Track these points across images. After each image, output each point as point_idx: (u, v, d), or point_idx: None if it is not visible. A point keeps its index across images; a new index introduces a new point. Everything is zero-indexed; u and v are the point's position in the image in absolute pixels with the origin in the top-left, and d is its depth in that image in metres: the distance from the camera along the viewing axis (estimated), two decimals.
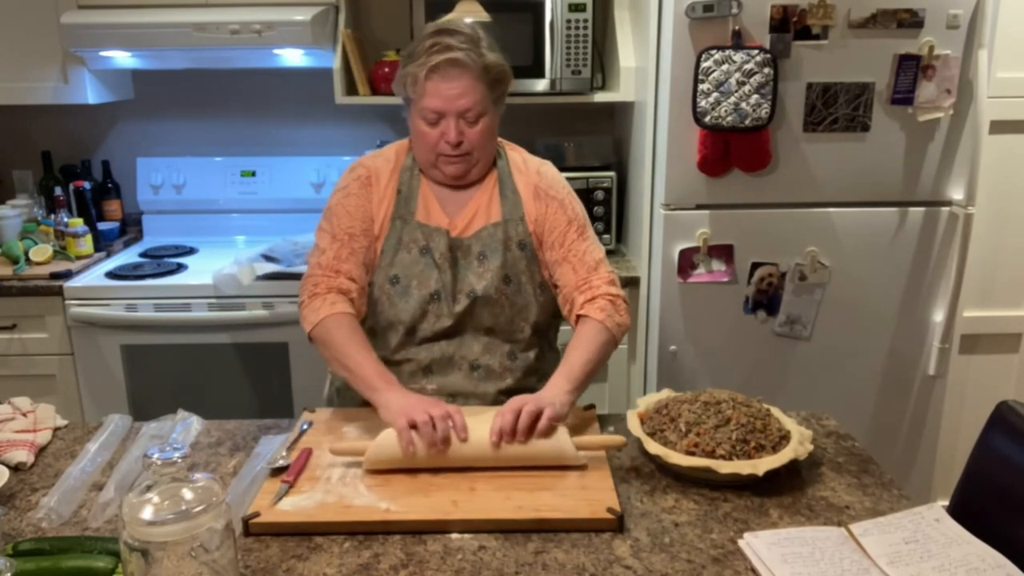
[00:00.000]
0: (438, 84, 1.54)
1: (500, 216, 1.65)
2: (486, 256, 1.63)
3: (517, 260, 1.64)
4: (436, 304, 1.61)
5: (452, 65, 1.53)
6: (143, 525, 0.93)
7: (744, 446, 1.32)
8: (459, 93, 1.54)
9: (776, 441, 1.35)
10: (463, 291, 1.61)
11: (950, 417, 2.59)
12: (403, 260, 1.63)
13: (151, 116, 3.04)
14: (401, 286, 1.62)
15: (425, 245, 1.62)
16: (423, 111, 1.57)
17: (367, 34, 2.88)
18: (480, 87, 1.56)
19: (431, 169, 1.65)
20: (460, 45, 1.53)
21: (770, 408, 1.45)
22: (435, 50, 1.53)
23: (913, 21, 2.14)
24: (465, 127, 1.57)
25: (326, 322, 1.54)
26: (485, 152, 1.64)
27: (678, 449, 1.34)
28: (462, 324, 1.62)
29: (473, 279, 1.62)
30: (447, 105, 1.55)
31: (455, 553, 1.16)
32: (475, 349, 1.63)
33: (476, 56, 1.54)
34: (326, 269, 1.61)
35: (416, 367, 1.63)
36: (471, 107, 1.56)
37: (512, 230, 1.64)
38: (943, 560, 1.12)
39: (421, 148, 1.63)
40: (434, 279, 1.61)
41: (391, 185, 1.67)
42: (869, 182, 2.25)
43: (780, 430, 1.38)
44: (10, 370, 2.53)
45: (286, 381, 2.56)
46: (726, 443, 1.33)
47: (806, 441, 1.36)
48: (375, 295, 1.64)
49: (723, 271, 2.29)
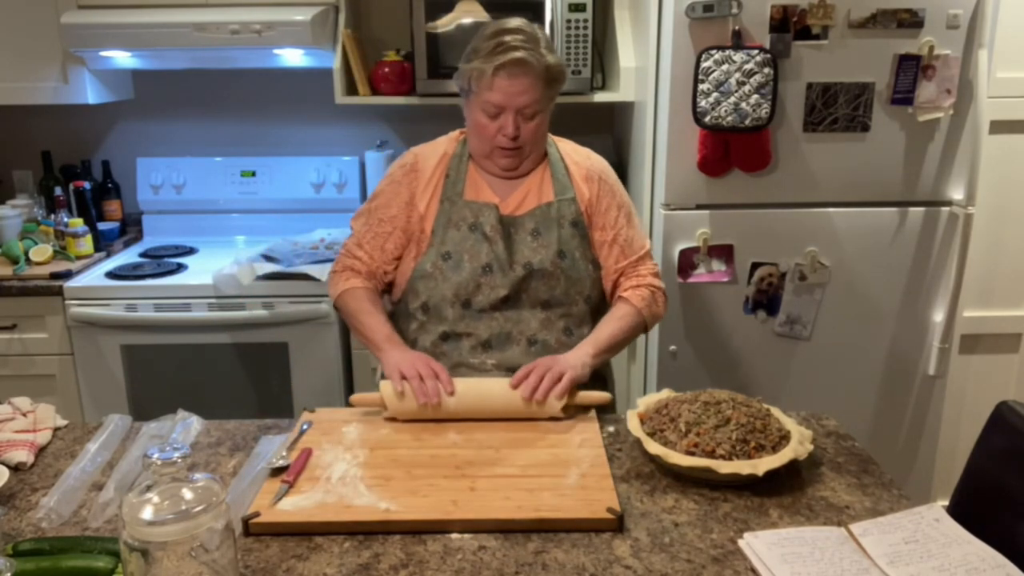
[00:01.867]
0: (503, 81, 1.63)
1: (552, 196, 1.75)
2: (540, 232, 1.72)
3: (570, 237, 1.73)
4: (489, 276, 1.69)
5: (517, 64, 1.62)
6: (143, 525, 0.93)
7: (744, 446, 1.33)
8: (521, 91, 1.64)
9: (776, 441, 1.35)
10: (519, 262, 1.70)
11: (950, 417, 2.59)
12: (453, 237, 1.72)
13: (151, 116, 3.04)
14: (453, 261, 1.71)
15: (474, 221, 1.71)
16: (485, 104, 1.66)
17: (367, 34, 2.88)
18: (540, 86, 1.65)
19: (484, 160, 1.75)
20: (524, 45, 1.63)
21: (770, 408, 1.45)
22: (501, 49, 1.62)
23: (913, 21, 2.14)
24: (522, 122, 1.67)
25: (342, 296, 1.75)
26: (537, 146, 1.75)
27: (678, 449, 1.34)
28: (518, 297, 1.71)
29: (528, 252, 1.71)
30: (509, 101, 1.64)
31: (455, 553, 1.16)
32: (532, 325, 1.71)
33: (539, 57, 1.64)
34: (347, 250, 1.80)
35: (476, 342, 1.70)
36: (530, 104, 1.66)
37: (565, 209, 1.74)
38: (943, 560, 1.12)
39: (478, 138, 1.73)
40: (484, 252, 1.70)
41: (439, 170, 1.77)
42: (869, 182, 2.25)
43: (780, 430, 1.38)
44: (10, 370, 2.53)
45: (286, 381, 2.56)
46: (726, 443, 1.33)
47: (806, 441, 1.36)
48: (428, 271, 1.72)
49: (723, 271, 2.29)
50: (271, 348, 2.53)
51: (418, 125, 3.00)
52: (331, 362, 2.55)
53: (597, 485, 1.30)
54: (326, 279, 2.44)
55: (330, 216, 2.98)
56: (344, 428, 1.51)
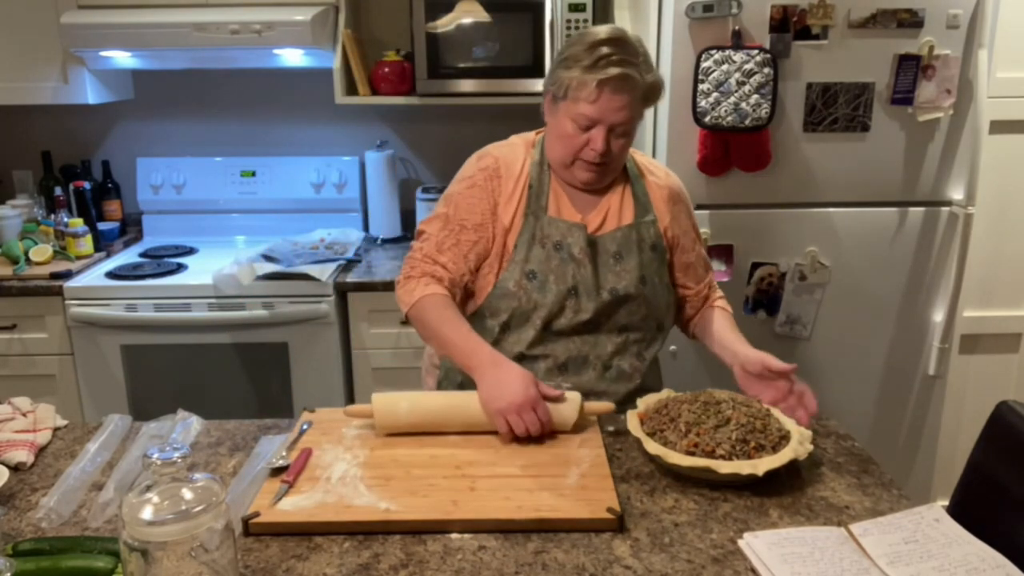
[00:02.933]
0: (606, 95, 1.53)
1: (632, 218, 1.67)
2: (622, 256, 1.65)
3: (650, 261, 1.67)
4: (574, 299, 1.62)
5: (623, 80, 1.52)
6: (143, 525, 0.93)
7: (744, 446, 1.32)
8: (619, 107, 1.54)
9: (776, 441, 1.35)
10: (605, 287, 1.63)
11: (950, 417, 2.60)
12: (537, 255, 1.63)
13: (151, 116, 3.04)
14: (539, 280, 1.62)
15: (560, 241, 1.63)
16: (577, 116, 1.56)
17: (367, 34, 2.89)
18: (639, 105, 1.57)
19: (564, 170, 1.65)
20: (631, 59, 1.54)
21: (770, 408, 1.45)
22: (610, 62, 1.52)
23: (913, 21, 2.14)
24: (612, 138, 1.58)
25: (421, 303, 1.59)
26: (620, 163, 1.66)
27: (678, 449, 1.34)
28: (599, 322, 1.64)
29: (613, 278, 1.64)
30: (605, 116, 1.55)
31: (455, 553, 1.16)
32: (608, 349, 1.65)
33: (643, 74, 1.55)
34: (425, 255, 1.65)
35: (552, 364, 1.64)
36: (625, 122, 1.57)
37: (645, 232, 1.67)
38: (943, 560, 1.12)
39: (561, 148, 1.62)
40: (571, 274, 1.62)
41: (522, 178, 1.66)
42: (869, 182, 2.25)
43: (780, 430, 1.38)
44: (10, 370, 2.54)
45: (286, 381, 2.56)
46: (726, 443, 1.32)
47: (806, 441, 1.36)
48: (511, 289, 1.63)
49: (723, 271, 2.29)
50: (271, 348, 2.53)
51: (418, 125, 3.00)
52: (331, 362, 2.55)
53: (597, 485, 1.30)
54: (327, 279, 2.47)
55: (330, 216, 2.98)
56: (344, 428, 1.51)
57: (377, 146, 2.95)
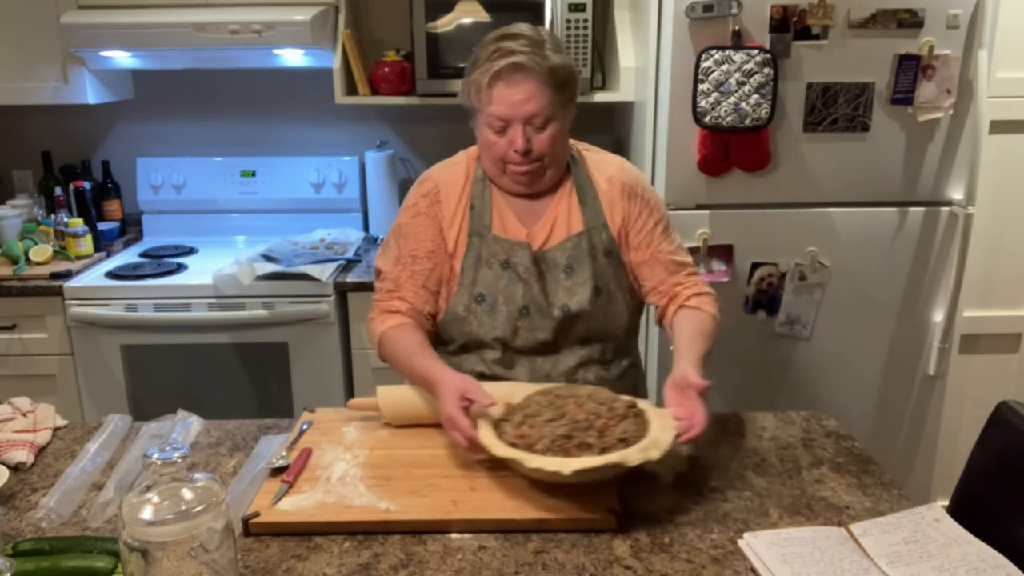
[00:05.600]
0: (502, 91, 1.49)
1: (582, 225, 1.60)
2: (573, 269, 1.58)
3: (604, 269, 1.60)
4: (527, 319, 1.57)
5: (515, 70, 1.47)
6: (143, 525, 0.93)
7: (565, 442, 1.24)
8: (524, 99, 1.48)
9: (611, 444, 1.24)
10: (555, 305, 1.57)
11: (950, 417, 2.59)
12: (485, 277, 1.58)
13: (151, 116, 3.04)
14: (488, 303, 1.58)
15: (506, 260, 1.58)
16: (489, 119, 1.52)
17: (367, 34, 2.88)
18: (546, 91, 1.49)
19: (500, 178, 1.60)
20: (522, 49, 1.48)
21: (645, 411, 1.35)
22: (497, 55, 1.48)
23: (913, 21, 2.14)
24: (533, 133, 1.52)
25: (381, 341, 1.58)
26: (556, 158, 1.58)
27: (504, 439, 1.28)
28: (558, 340, 1.59)
29: (564, 294, 1.58)
30: (513, 112, 1.49)
31: (455, 553, 1.16)
32: (571, 363, 1.60)
33: (540, 59, 1.48)
34: (385, 293, 1.62)
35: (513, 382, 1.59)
36: (538, 112, 1.50)
37: (596, 239, 1.60)
38: (943, 560, 1.12)
39: (489, 158, 1.58)
40: (520, 294, 1.57)
41: (463, 200, 1.62)
42: (869, 182, 2.25)
43: (626, 432, 1.27)
44: (10, 370, 2.54)
45: (286, 381, 2.56)
46: (547, 438, 1.25)
47: (654, 449, 1.23)
48: (461, 314, 1.59)
49: (723, 271, 2.29)
50: (271, 348, 2.53)
51: (418, 125, 3.01)
52: (331, 362, 2.55)
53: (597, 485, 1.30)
54: (327, 279, 2.47)
55: (330, 216, 2.98)
56: (344, 428, 1.51)
57: (377, 146, 2.95)
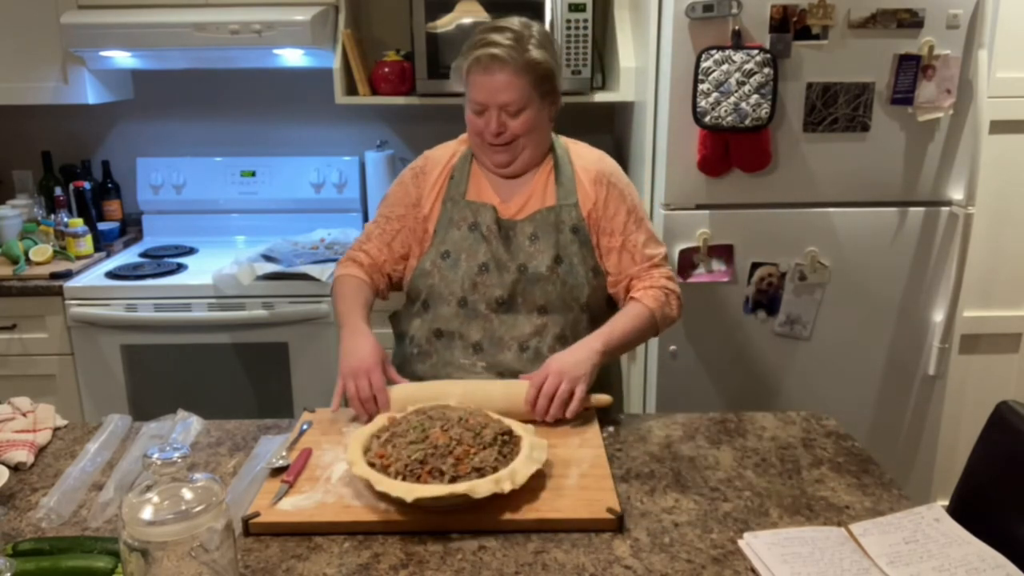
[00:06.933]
0: (479, 77, 1.63)
1: (554, 201, 1.72)
2: (538, 237, 1.70)
3: (569, 243, 1.70)
4: (486, 275, 1.68)
5: (492, 60, 1.60)
6: (143, 525, 0.93)
7: (418, 467, 1.23)
8: (500, 87, 1.62)
9: (465, 472, 1.22)
10: (515, 263, 1.68)
11: (950, 417, 2.59)
12: (453, 236, 1.71)
13: (151, 116, 3.04)
14: (451, 259, 1.70)
15: (474, 221, 1.70)
16: (471, 102, 1.67)
17: (367, 34, 2.88)
18: (521, 82, 1.62)
19: (481, 154, 1.74)
20: (505, 41, 1.61)
21: (521, 438, 1.33)
22: (479, 44, 1.62)
23: (913, 21, 2.14)
24: (507, 119, 1.65)
25: (336, 282, 1.77)
26: (531, 142, 1.70)
27: (367, 456, 1.27)
28: (515, 300, 1.68)
29: (524, 257, 1.69)
30: (488, 98, 1.63)
31: (455, 553, 1.16)
32: (526, 330, 1.68)
33: (518, 53, 1.61)
34: (355, 245, 1.82)
35: (467, 343, 1.69)
36: (511, 101, 1.63)
37: (566, 215, 1.70)
38: (943, 560, 1.12)
39: (471, 136, 1.73)
40: (482, 251, 1.69)
41: (445, 171, 1.77)
42: (869, 182, 2.25)
43: (484, 462, 1.24)
44: (10, 370, 2.53)
45: (286, 381, 2.56)
46: (402, 461, 1.24)
47: (507, 482, 1.21)
48: (427, 268, 1.72)
49: (723, 271, 2.29)
50: (271, 348, 2.53)
51: (418, 125, 3.00)
52: (331, 362, 2.54)
53: (597, 485, 1.30)
54: (327, 279, 2.46)
55: (330, 216, 2.98)
56: (344, 428, 1.51)
57: (377, 146, 2.95)
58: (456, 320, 1.69)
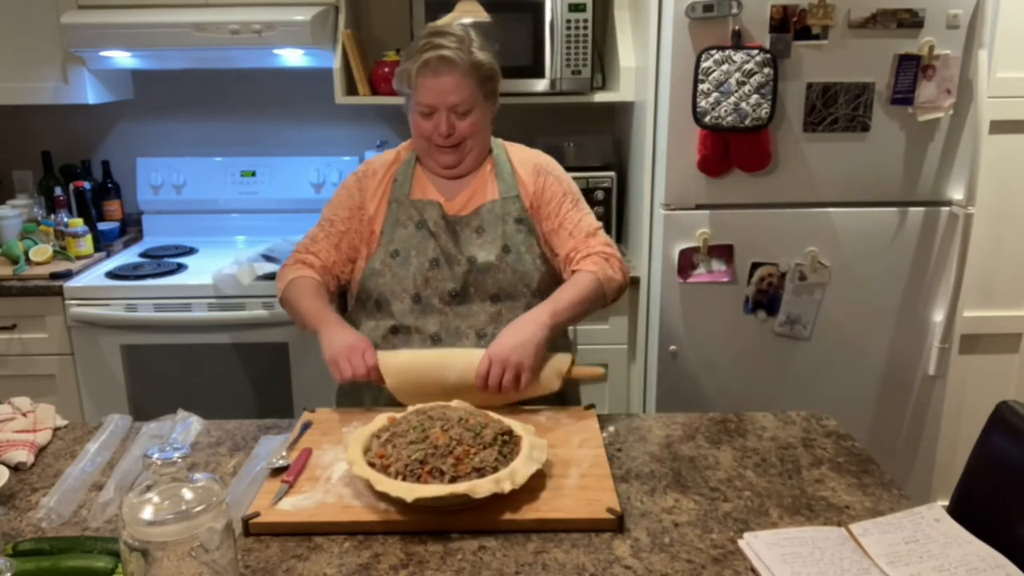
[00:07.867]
0: (429, 80, 1.67)
1: (497, 195, 1.77)
2: (484, 229, 1.75)
3: (515, 233, 1.75)
4: (437, 270, 1.72)
5: (441, 62, 1.65)
6: (143, 525, 0.93)
7: (418, 468, 1.23)
8: (449, 88, 1.67)
9: (466, 472, 1.23)
10: (464, 256, 1.72)
11: (950, 417, 2.59)
12: (401, 235, 1.75)
13: (151, 116, 3.04)
14: (401, 257, 1.74)
15: (420, 219, 1.74)
16: (418, 105, 1.70)
17: (367, 34, 2.88)
18: (468, 83, 1.68)
19: (428, 159, 1.78)
20: (449, 44, 1.66)
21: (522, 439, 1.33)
22: (427, 48, 1.67)
23: (913, 21, 2.14)
24: (456, 120, 1.70)
25: (289, 285, 1.74)
26: (477, 142, 1.76)
27: (367, 456, 1.28)
28: (467, 292, 1.72)
29: (474, 249, 1.73)
30: (438, 99, 1.68)
31: (455, 553, 1.16)
32: (481, 319, 1.72)
33: (465, 54, 1.67)
34: (300, 247, 1.82)
35: (424, 336, 1.71)
36: (460, 102, 1.68)
37: (509, 206, 1.76)
38: (943, 560, 1.12)
39: (418, 139, 1.77)
40: (431, 247, 1.72)
41: (388, 175, 1.81)
42: (869, 182, 2.25)
43: (484, 462, 1.25)
44: (10, 370, 2.53)
45: (286, 381, 2.56)
46: (403, 461, 1.24)
47: (507, 482, 1.21)
48: (378, 268, 1.74)
49: (723, 271, 2.29)
50: (271, 348, 2.53)
51: None
52: None
53: (597, 485, 1.30)
54: None
55: None
56: (344, 428, 1.51)
57: (377, 146, 2.95)
58: (411, 315, 1.72)
